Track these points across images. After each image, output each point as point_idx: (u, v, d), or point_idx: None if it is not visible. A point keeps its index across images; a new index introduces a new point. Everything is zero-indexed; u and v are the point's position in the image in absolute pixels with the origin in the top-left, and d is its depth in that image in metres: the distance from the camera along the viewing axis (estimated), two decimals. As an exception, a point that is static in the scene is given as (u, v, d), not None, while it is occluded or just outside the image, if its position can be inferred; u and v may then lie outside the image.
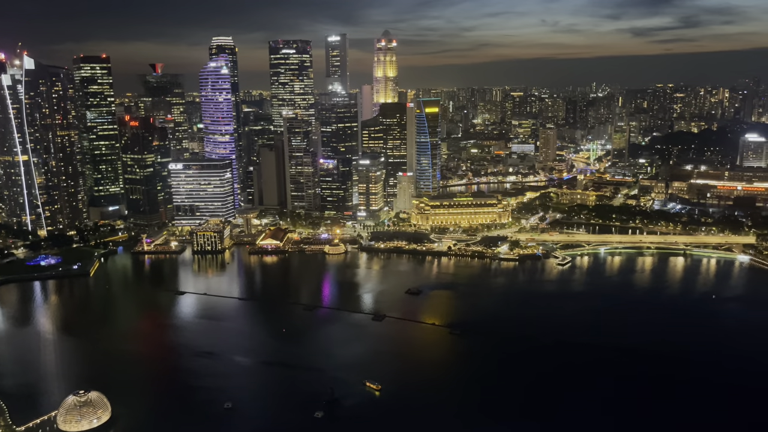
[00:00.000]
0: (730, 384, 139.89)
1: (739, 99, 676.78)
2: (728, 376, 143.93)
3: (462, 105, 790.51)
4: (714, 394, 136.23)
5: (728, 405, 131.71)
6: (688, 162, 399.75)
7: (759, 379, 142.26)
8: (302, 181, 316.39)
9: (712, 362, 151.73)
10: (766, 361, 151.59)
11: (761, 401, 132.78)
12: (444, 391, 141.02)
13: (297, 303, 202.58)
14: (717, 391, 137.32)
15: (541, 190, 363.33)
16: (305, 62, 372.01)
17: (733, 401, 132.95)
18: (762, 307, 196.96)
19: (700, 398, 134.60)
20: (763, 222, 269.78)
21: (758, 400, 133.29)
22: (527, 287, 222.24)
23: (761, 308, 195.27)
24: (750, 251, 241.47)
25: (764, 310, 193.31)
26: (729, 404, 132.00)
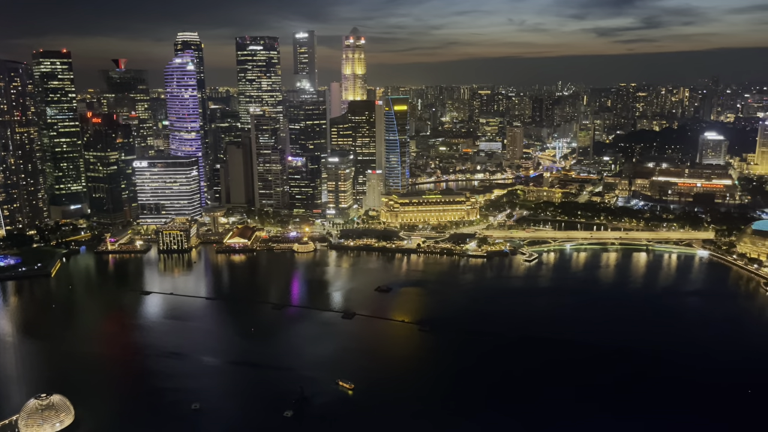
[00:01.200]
0: (691, 379, 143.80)
1: (699, 98, 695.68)
2: (688, 370, 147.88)
3: (430, 103, 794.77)
4: (676, 387, 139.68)
5: (689, 398, 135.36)
6: (651, 160, 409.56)
7: (716, 375, 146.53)
8: (270, 179, 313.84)
9: (673, 357, 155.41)
10: (722, 357, 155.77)
11: (715, 394, 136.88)
12: (414, 388, 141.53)
13: (265, 302, 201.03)
14: (679, 385, 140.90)
15: (508, 188, 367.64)
16: (273, 59, 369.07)
17: (693, 394, 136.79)
18: (720, 300, 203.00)
19: (662, 391, 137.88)
20: (722, 218, 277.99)
21: (712, 393, 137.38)
22: (495, 283, 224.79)
23: (719, 302, 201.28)
24: (709, 246, 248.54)
25: (722, 304, 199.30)
26: (689, 397, 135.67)
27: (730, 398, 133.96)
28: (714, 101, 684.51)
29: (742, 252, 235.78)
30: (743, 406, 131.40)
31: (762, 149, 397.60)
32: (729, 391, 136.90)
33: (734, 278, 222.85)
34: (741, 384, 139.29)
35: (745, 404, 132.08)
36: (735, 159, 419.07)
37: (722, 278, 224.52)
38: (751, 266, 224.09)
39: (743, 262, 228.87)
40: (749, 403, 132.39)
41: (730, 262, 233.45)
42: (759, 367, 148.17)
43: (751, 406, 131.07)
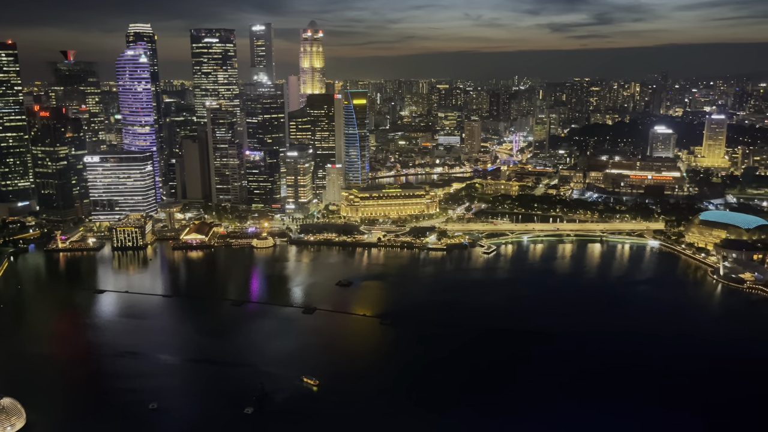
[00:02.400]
0: (645, 365, 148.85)
1: (649, 93, 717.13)
2: (642, 357, 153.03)
3: (389, 97, 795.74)
4: (631, 374, 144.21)
5: (643, 384, 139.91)
6: (604, 153, 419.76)
7: (667, 361, 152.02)
8: (228, 174, 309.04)
9: (627, 344, 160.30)
10: (672, 343, 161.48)
11: (664, 375, 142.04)
12: (378, 381, 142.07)
13: (224, 298, 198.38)
14: (633, 371, 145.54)
15: (467, 181, 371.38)
16: (229, 52, 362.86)
17: (646, 380, 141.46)
18: (670, 289, 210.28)
19: (619, 378, 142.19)
20: (671, 209, 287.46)
21: (661, 374, 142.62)
22: (455, 276, 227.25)
23: (669, 290, 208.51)
24: (659, 237, 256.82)
25: (672, 292, 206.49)
26: (643, 383, 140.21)
27: (681, 383, 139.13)
28: (663, 96, 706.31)
29: (690, 242, 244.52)
30: (693, 390, 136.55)
31: (708, 142, 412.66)
32: (679, 376, 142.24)
33: (683, 267, 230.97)
34: (690, 369, 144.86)
35: (694, 388, 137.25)
36: (683, 152, 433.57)
37: (672, 267, 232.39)
38: (699, 255, 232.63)
39: (691, 252, 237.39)
40: (699, 388, 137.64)
41: (679, 252, 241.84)
42: (707, 354, 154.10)
43: (700, 391, 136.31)
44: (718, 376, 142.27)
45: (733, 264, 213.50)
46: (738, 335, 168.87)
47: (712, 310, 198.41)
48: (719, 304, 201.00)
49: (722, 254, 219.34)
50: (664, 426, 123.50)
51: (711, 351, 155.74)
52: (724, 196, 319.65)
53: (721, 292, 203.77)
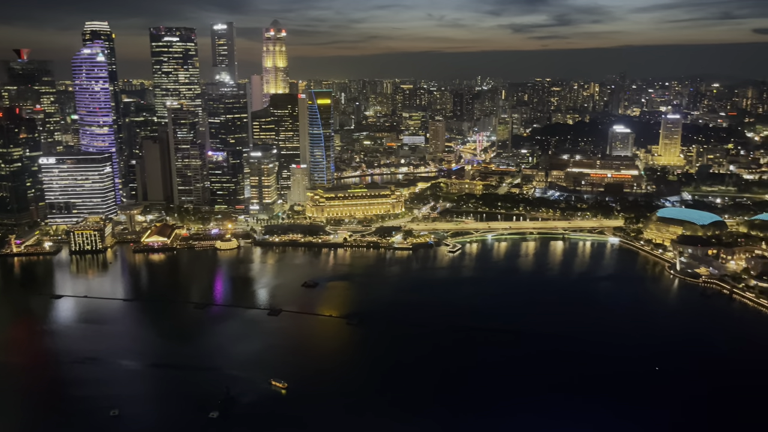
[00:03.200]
0: (606, 358, 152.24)
1: (608, 93, 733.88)
2: (603, 351, 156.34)
3: (354, 97, 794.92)
4: (593, 368, 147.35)
5: (604, 378, 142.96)
6: (565, 152, 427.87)
7: (624, 350, 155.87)
8: (190, 175, 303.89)
9: (589, 339, 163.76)
10: (632, 337, 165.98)
11: (625, 369, 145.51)
12: (347, 382, 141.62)
13: (187, 301, 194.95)
14: (595, 365, 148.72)
15: (431, 181, 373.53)
16: (190, 51, 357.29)
17: (607, 374, 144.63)
18: (629, 284, 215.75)
19: (582, 373, 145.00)
20: (630, 206, 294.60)
21: (621, 368, 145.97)
22: (420, 275, 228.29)
23: (629, 286, 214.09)
24: (619, 233, 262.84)
25: (631, 288, 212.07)
26: (604, 377, 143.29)
27: (640, 376, 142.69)
28: (621, 96, 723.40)
29: (648, 238, 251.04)
30: (651, 382, 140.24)
31: (665, 141, 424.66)
32: (639, 369, 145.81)
33: (642, 263, 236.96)
34: (649, 362, 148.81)
35: (653, 381, 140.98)
36: (641, 151, 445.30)
37: (631, 263, 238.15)
38: (657, 251, 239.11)
39: (650, 248, 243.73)
40: (657, 380, 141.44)
41: (638, 248, 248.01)
42: (665, 348, 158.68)
43: (658, 382, 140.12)
44: (676, 369, 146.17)
45: (689, 259, 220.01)
46: (694, 328, 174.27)
47: (670, 305, 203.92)
48: (676, 298, 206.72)
49: (679, 250, 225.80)
50: (626, 418, 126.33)
51: (669, 344, 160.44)
52: (680, 193, 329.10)
53: (678, 286, 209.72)
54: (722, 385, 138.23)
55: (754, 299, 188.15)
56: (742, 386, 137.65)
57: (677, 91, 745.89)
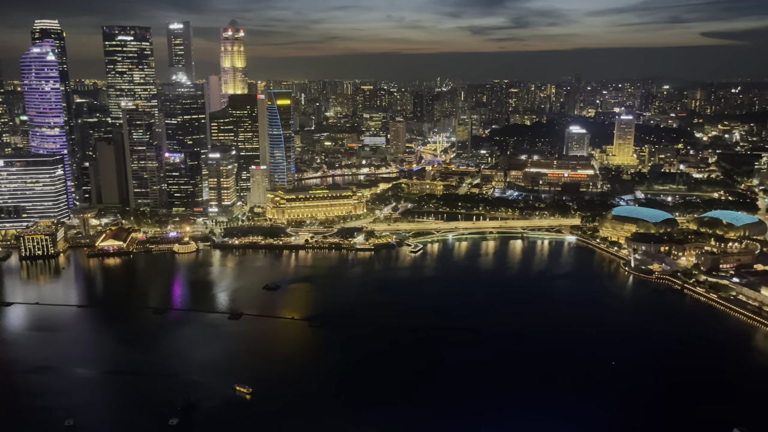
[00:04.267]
0: (566, 354, 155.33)
1: (564, 94, 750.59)
2: (563, 347, 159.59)
3: (314, 98, 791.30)
4: (553, 364, 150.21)
5: (564, 373, 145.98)
6: (523, 152, 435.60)
7: (581, 347, 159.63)
8: (146, 177, 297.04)
9: (548, 335, 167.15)
10: (589, 333, 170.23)
11: (582, 366, 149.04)
12: (311, 385, 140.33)
13: (145, 306, 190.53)
14: (556, 361, 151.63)
15: (393, 181, 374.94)
16: (145, 50, 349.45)
17: (567, 368, 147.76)
18: (586, 281, 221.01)
19: (541, 368, 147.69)
20: (586, 205, 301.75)
21: (578, 364, 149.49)
22: (383, 275, 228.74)
23: (586, 283, 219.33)
24: (576, 232, 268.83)
25: (588, 285, 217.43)
26: (564, 372, 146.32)
27: (597, 372, 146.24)
28: (577, 97, 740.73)
29: (604, 236, 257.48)
30: (608, 378, 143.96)
31: (619, 141, 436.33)
32: (596, 365, 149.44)
33: (598, 260, 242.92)
34: (606, 358, 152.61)
35: (609, 377, 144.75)
36: (596, 150, 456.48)
37: (588, 261, 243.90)
38: (612, 248, 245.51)
39: (605, 245, 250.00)
40: (613, 376, 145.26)
41: (594, 246, 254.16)
42: (621, 344, 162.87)
43: (615, 378, 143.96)
44: (632, 365, 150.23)
45: (642, 256, 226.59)
46: (648, 324, 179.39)
47: (625, 301, 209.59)
48: (631, 294, 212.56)
49: (633, 247, 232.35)
50: (585, 413, 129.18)
51: (625, 340, 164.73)
52: (634, 192, 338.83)
53: (632, 283, 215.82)
54: (676, 380, 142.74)
55: (704, 294, 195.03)
56: (695, 380, 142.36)
57: (630, 92, 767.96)
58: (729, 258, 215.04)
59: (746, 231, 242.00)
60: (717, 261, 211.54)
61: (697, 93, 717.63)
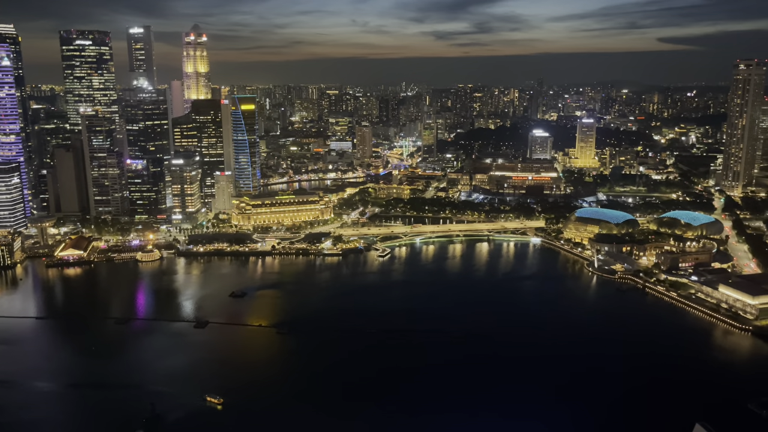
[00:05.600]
0: (533, 355, 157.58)
1: (527, 98, 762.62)
2: (530, 348, 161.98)
3: (279, 102, 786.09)
4: (520, 364, 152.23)
5: (531, 373, 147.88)
6: (488, 156, 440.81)
7: (548, 349, 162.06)
8: (107, 184, 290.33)
9: (515, 336, 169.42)
10: (556, 333, 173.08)
11: (548, 366, 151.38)
12: (281, 393, 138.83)
13: (107, 317, 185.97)
14: (522, 361, 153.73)
15: (360, 186, 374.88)
16: (104, 55, 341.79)
17: (534, 368, 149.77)
18: (551, 282, 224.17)
19: (509, 369, 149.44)
20: (550, 207, 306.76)
21: (545, 365, 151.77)
22: (351, 280, 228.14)
23: (551, 284, 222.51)
24: (541, 234, 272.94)
25: (553, 285, 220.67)
26: (532, 372, 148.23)
27: (563, 370, 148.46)
28: (540, 101, 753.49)
29: (568, 237, 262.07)
30: (574, 376, 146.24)
31: (581, 144, 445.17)
32: (562, 363, 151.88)
33: (563, 261, 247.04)
34: (571, 356, 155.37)
35: (574, 374, 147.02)
36: (559, 154, 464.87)
37: (553, 262, 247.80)
38: (576, 250, 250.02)
39: (569, 247, 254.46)
40: (578, 373, 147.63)
41: (559, 247, 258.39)
42: (586, 344, 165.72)
43: (580, 375, 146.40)
44: (597, 365, 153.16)
45: (605, 257, 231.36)
46: (612, 323, 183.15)
47: (589, 300, 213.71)
48: (595, 294, 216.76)
49: (596, 248, 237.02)
50: (550, 412, 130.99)
51: (590, 340, 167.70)
52: (596, 193, 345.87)
53: (596, 283, 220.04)
54: (639, 377, 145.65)
55: (664, 292, 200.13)
56: (657, 377, 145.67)
57: (591, 96, 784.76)
58: (687, 257, 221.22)
59: (703, 230, 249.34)
60: (676, 260, 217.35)
61: (654, 97, 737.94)
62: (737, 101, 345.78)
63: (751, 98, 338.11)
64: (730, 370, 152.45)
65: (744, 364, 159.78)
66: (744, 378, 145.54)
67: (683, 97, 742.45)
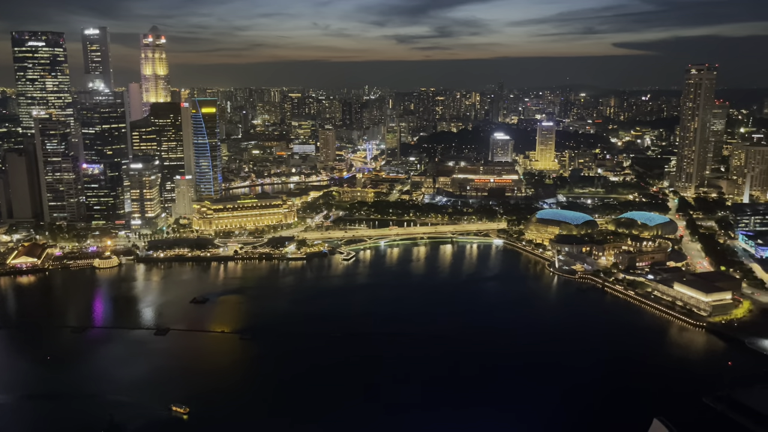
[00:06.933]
0: (493, 353, 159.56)
1: (488, 102, 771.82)
2: (494, 348, 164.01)
3: (240, 105, 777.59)
4: (484, 365, 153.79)
5: (496, 373, 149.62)
6: (451, 159, 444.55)
7: (510, 347, 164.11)
8: (62, 189, 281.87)
9: (479, 337, 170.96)
10: (519, 332, 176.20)
11: (511, 363, 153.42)
12: (246, 399, 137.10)
13: (63, 326, 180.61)
14: (486, 361, 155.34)
15: (323, 189, 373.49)
16: (58, 56, 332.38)
17: (493, 367, 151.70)
18: (514, 283, 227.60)
19: (473, 369, 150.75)
20: (512, 209, 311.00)
21: (506, 364, 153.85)
22: (315, 284, 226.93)
23: (513, 284, 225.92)
24: (503, 235, 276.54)
25: (516, 286, 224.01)
26: (489, 369, 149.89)
27: (524, 368, 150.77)
28: (500, 105, 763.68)
29: (529, 238, 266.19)
30: (535, 373, 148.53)
31: (541, 147, 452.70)
32: (524, 361, 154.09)
33: (524, 262, 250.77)
34: (531, 354, 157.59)
35: (535, 372, 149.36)
36: (520, 156, 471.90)
37: (515, 263, 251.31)
38: (537, 250, 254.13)
39: (531, 248, 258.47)
40: (539, 370, 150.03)
41: (521, 248, 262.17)
42: (546, 342, 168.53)
43: (540, 373, 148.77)
44: (556, 360, 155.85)
45: (566, 257, 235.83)
46: (572, 321, 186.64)
47: (551, 300, 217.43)
48: (556, 294, 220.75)
49: (556, 249, 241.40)
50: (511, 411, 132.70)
51: (550, 337, 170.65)
52: (556, 195, 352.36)
53: (557, 283, 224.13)
54: (598, 375, 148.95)
55: (622, 291, 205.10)
56: (616, 374, 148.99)
57: (550, 100, 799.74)
58: (644, 256, 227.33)
59: (659, 230, 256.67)
60: (633, 259, 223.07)
61: (611, 100, 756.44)
62: (689, 105, 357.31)
63: (703, 102, 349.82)
64: (685, 365, 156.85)
65: (698, 359, 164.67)
66: (699, 373, 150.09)
67: (638, 101, 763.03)
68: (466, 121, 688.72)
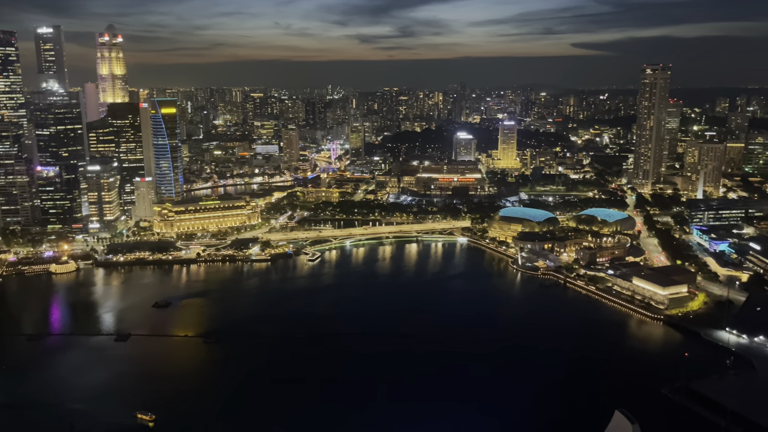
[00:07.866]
0: (457, 350, 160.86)
1: (451, 101, 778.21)
2: (456, 343, 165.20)
3: (201, 105, 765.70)
4: (452, 362, 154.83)
5: (454, 368, 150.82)
6: (415, 158, 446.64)
7: (476, 344, 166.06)
8: (15, 193, 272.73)
9: (447, 335, 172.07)
10: (485, 329, 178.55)
11: (474, 363, 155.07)
12: (212, 404, 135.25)
13: (18, 334, 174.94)
14: (454, 359, 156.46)
15: (288, 190, 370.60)
16: (10, 56, 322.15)
17: (458, 365, 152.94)
18: (479, 280, 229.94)
19: (442, 367, 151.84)
20: (475, 208, 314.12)
21: (471, 362, 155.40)
22: (280, 286, 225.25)
23: (478, 282, 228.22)
24: (467, 233, 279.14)
25: (481, 283, 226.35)
26: (455, 367, 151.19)
27: (488, 364, 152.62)
28: (463, 104, 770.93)
29: (493, 236, 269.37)
30: (498, 370, 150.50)
31: (503, 146, 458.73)
32: (488, 357, 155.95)
33: (489, 260, 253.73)
34: (496, 351, 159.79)
35: (499, 369, 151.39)
36: (483, 155, 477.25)
37: (479, 260, 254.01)
38: (501, 248, 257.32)
39: (494, 245, 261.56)
40: (503, 367, 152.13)
41: (485, 246, 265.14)
42: (510, 338, 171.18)
43: (504, 369, 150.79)
44: (520, 356, 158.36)
45: (528, 254, 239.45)
46: (535, 317, 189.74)
47: (514, 296, 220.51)
48: (520, 290, 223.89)
49: (519, 246, 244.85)
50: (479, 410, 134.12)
51: (514, 333, 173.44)
52: (518, 193, 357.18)
53: (520, 279, 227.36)
54: (561, 369, 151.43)
55: (584, 286, 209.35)
56: (578, 368, 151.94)
57: (511, 99, 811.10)
58: (604, 252, 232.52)
59: (618, 226, 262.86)
60: (594, 255, 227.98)
61: (570, 99, 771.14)
62: (645, 104, 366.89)
63: (658, 101, 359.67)
64: (645, 357, 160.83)
65: (657, 351, 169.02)
66: (658, 365, 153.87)
67: (596, 100, 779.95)
68: (429, 120, 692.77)
